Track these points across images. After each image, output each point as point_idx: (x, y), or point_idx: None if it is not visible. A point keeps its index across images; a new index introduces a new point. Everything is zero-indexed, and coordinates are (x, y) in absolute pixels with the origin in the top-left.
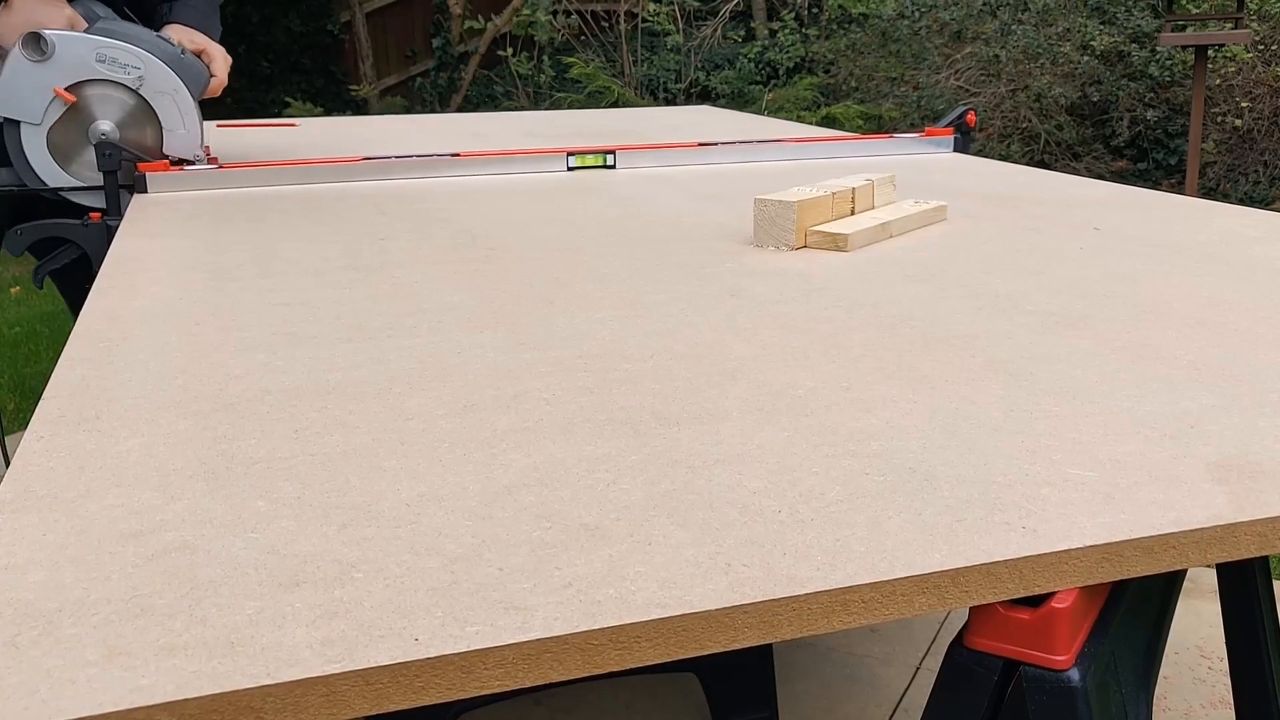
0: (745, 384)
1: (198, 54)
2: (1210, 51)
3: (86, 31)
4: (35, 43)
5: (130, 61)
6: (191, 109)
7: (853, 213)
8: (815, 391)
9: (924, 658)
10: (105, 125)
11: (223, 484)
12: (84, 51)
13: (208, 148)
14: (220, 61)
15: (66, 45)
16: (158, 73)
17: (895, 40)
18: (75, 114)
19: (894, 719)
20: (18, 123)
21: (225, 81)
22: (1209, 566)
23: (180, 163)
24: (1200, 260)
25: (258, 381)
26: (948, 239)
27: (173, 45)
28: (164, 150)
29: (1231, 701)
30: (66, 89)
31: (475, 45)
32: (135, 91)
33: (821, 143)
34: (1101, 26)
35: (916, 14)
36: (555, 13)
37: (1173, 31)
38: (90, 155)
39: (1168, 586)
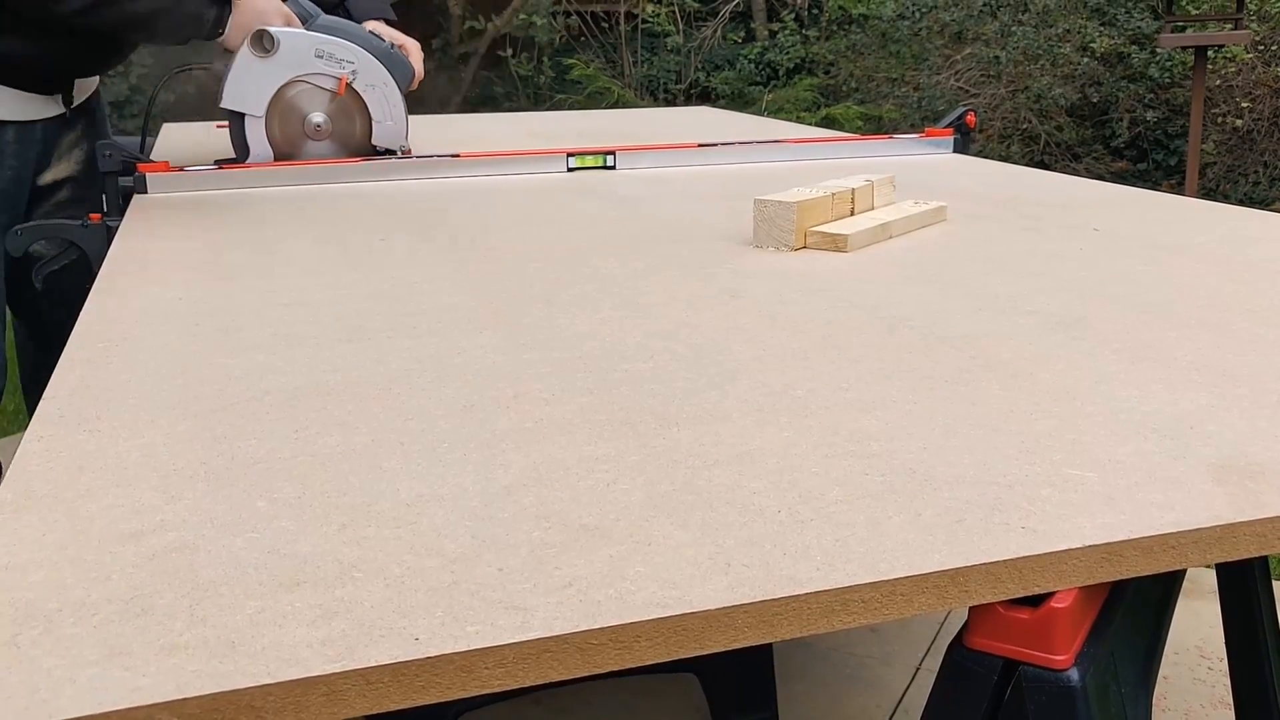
0: (745, 384)
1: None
2: (1210, 52)
3: (305, 28)
4: (262, 40)
5: (345, 56)
6: (399, 102)
7: (852, 213)
8: (815, 392)
9: (924, 658)
10: (318, 117)
11: (223, 484)
12: (304, 47)
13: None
14: (417, 54)
15: (289, 42)
16: (369, 67)
17: (895, 41)
18: (292, 105)
19: (894, 719)
20: (242, 115)
21: (423, 74)
22: (1209, 566)
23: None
24: (1200, 260)
25: (258, 382)
26: (947, 239)
27: (383, 40)
28: (372, 141)
29: (1231, 702)
30: (290, 81)
31: (475, 46)
32: (349, 85)
33: (821, 143)
34: (1101, 28)
35: (917, 15)
36: (555, 14)
37: (1172, 32)
38: (309, 147)
39: (1168, 586)
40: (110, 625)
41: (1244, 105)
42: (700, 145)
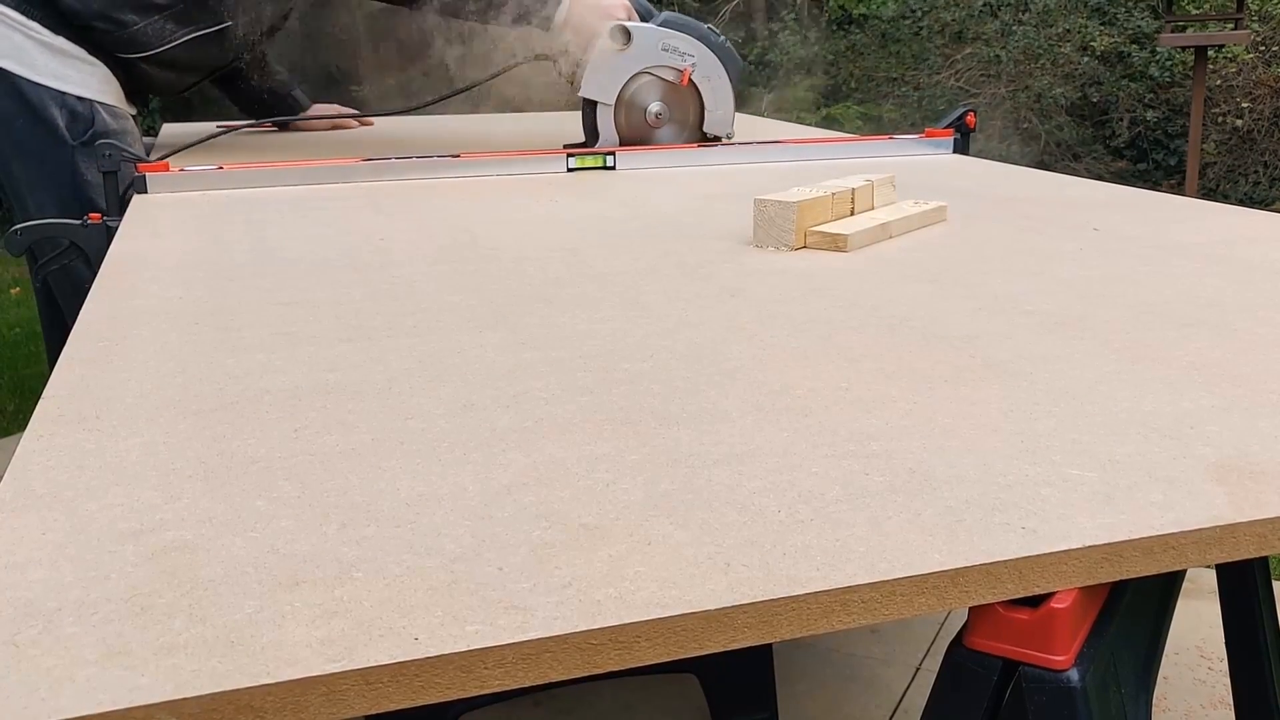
0: (745, 384)
1: None
2: (1210, 52)
3: (650, 22)
4: (620, 34)
5: (687, 49)
6: (729, 92)
7: (852, 213)
8: (815, 391)
9: (924, 658)
10: (657, 106)
11: (222, 483)
12: (653, 41)
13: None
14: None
15: (640, 36)
16: (706, 60)
17: (895, 41)
18: (636, 95)
19: (894, 719)
20: (595, 103)
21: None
22: (1209, 567)
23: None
24: (1200, 260)
25: (257, 381)
26: (947, 239)
27: (718, 34)
28: (703, 129)
29: (1231, 702)
30: (637, 73)
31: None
32: (689, 77)
33: (821, 143)
34: (1102, 27)
35: (917, 14)
36: None
37: (1173, 32)
38: (649, 134)
39: (1168, 587)
40: (109, 625)
41: (1244, 105)
42: (700, 145)
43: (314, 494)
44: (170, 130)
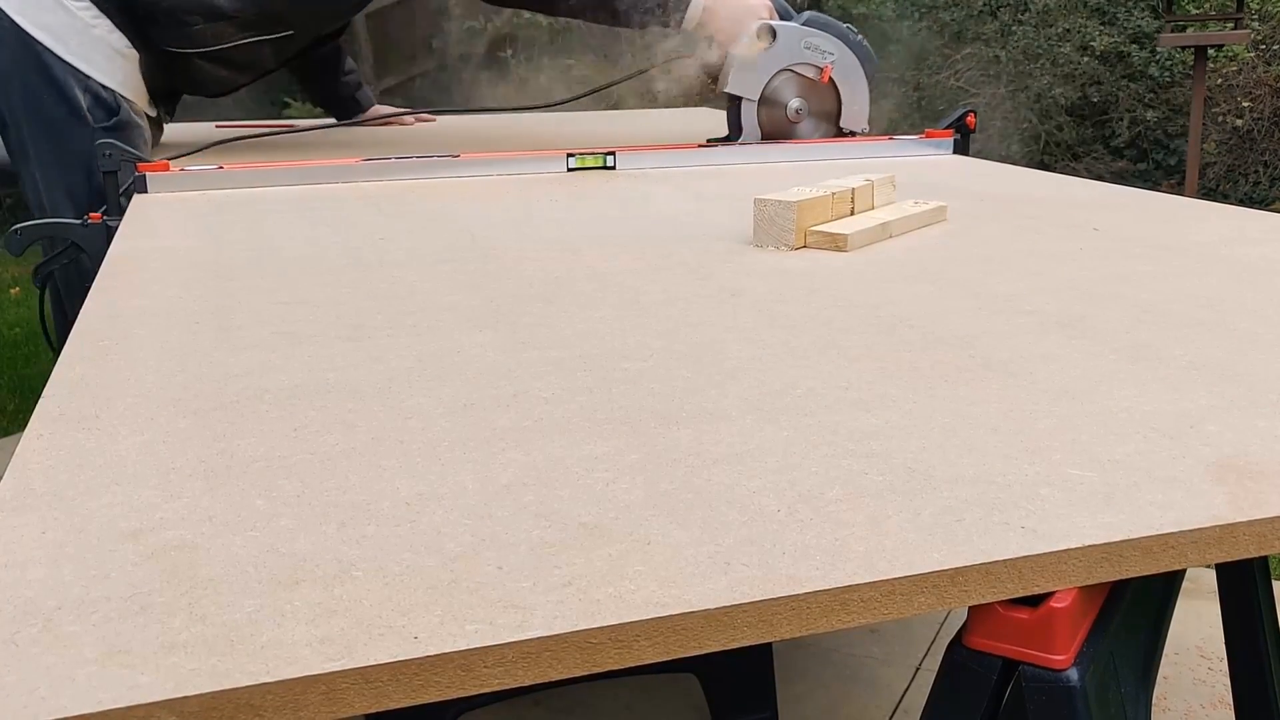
0: (745, 384)
1: None
2: (1210, 52)
3: (792, 21)
4: (766, 32)
5: (828, 48)
6: (864, 88)
7: (852, 213)
8: (815, 391)
9: (924, 658)
10: (796, 102)
11: (222, 482)
12: (795, 40)
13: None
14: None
15: (785, 34)
16: (845, 58)
17: (895, 41)
18: (777, 92)
19: (894, 719)
20: (739, 99)
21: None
22: (1209, 567)
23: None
24: (1200, 260)
25: (257, 380)
26: (947, 239)
27: (855, 33)
28: (840, 123)
29: (1231, 702)
30: (780, 70)
31: (475, 47)
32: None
33: (821, 144)
34: (1102, 27)
35: (917, 15)
36: None
37: (1173, 32)
38: (788, 129)
39: (1167, 586)
40: (109, 624)
41: (1244, 104)
42: (700, 145)
43: (314, 493)
44: (170, 130)
